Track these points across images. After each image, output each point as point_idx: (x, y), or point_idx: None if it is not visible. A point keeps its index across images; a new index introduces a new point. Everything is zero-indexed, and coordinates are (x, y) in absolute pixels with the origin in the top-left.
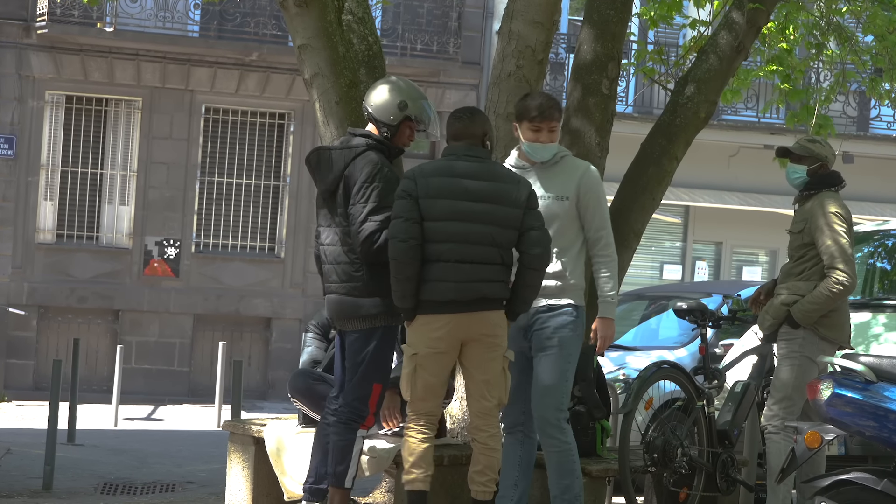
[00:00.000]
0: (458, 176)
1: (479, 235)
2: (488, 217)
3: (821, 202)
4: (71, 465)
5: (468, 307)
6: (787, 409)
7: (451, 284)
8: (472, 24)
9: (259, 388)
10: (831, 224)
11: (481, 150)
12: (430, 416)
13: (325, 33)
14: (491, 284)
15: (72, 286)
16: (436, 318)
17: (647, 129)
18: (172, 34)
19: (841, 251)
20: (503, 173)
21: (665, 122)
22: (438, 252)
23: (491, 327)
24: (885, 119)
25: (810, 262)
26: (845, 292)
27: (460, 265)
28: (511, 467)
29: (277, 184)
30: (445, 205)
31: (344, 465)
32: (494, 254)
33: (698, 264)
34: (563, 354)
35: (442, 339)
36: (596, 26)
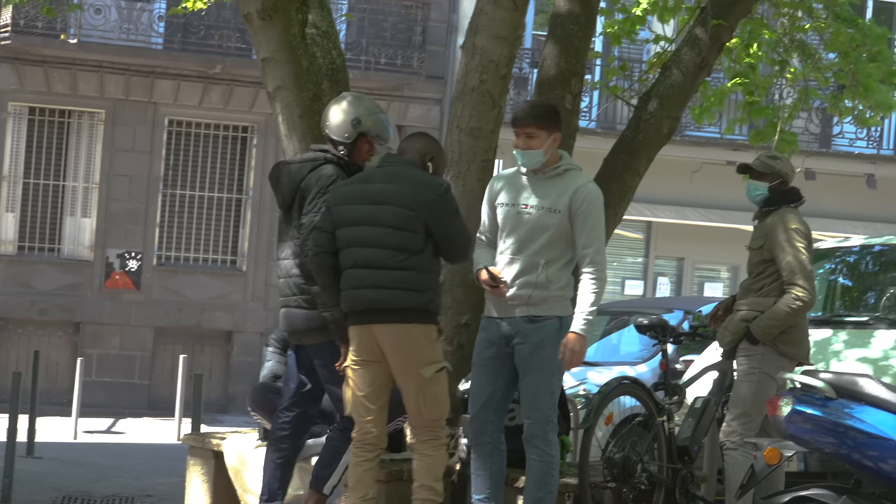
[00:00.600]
0: (364, 181)
1: (368, 238)
2: (378, 219)
3: (781, 218)
4: (30, 477)
5: (365, 319)
6: (745, 425)
7: (347, 292)
8: (436, 39)
9: (220, 402)
10: (791, 240)
11: (403, 159)
12: (364, 438)
13: (288, 47)
14: (381, 291)
15: (32, 298)
16: (351, 329)
17: (609, 144)
18: (136, 46)
19: (800, 267)
20: (411, 176)
21: (628, 138)
22: (343, 259)
23: (391, 345)
24: (848, 136)
25: (769, 278)
26: (805, 308)
27: (355, 270)
28: (483, 480)
29: (240, 197)
30: (346, 210)
31: (328, 470)
32: (387, 256)
33: (660, 280)
34: (546, 369)
35: (356, 352)
36: (559, 42)
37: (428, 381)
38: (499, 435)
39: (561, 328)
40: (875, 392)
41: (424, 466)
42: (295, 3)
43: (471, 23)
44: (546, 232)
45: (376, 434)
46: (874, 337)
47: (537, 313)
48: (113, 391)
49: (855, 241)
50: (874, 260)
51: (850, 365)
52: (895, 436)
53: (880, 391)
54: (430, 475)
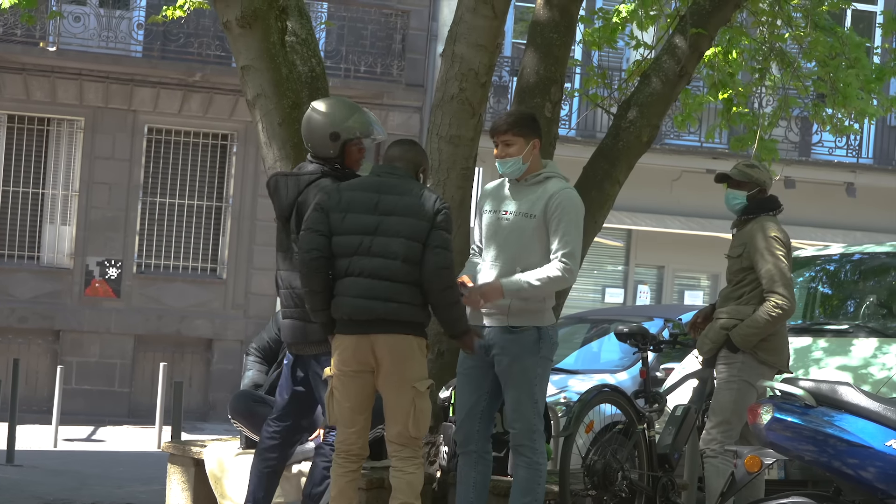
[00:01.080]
0: (371, 191)
1: (382, 248)
2: (393, 230)
3: (760, 226)
4: (10, 486)
5: (365, 328)
6: (725, 433)
7: (347, 300)
8: (415, 47)
9: (200, 410)
10: (770, 248)
11: (402, 170)
12: (349, 449)
13: (268, 54)
14: (389, 304)
15: (12, 306)
16: (342, 338)
17: (589, 152)
18: (115, 54)
19: (780, 275)
20: (415, 189)
21: (607, 146)
22: (342, 266)
23: (390, 354)
24: (827, 144)
25: (749, 286)
26: (784, 316)
27: (360, 279)
28: (466, 489)
29: (220, 205)
30: (352, 218)
31: (322, 487)
32: (398, 269)
33: (640, 288)
34: (526, 380)
35: (346, 361)
36: (539, 50)
37: (421, 395)
38: (485, 443)
39: (540, 339)
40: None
41: (405, 484)
42: (274, 11)
43: (450, 31)
44: (521, 237)
45: (360, 445)
46: (854, 345)
47: (515, 323)
48: (93, 399)
49: (834, 249)
50: (854, 268)
51: (830, 373)
52: (875, 444)
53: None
54: (412, 493)
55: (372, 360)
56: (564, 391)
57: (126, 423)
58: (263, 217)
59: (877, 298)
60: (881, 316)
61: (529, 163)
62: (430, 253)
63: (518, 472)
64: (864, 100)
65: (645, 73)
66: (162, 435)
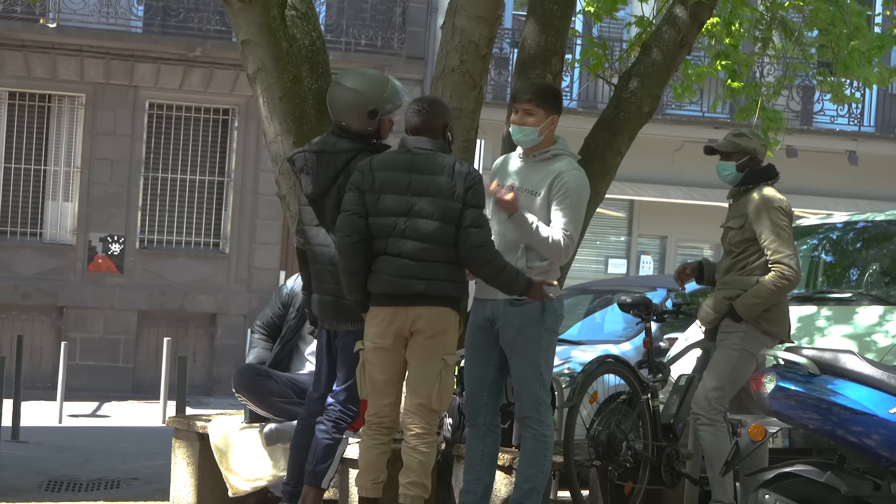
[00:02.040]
0: (402, 170)
1: (416, 231)
2: (426, 212)
3: (761, 197)
4: (15, 462)
5: (406, 301)
6: (718, 399)
7: (386, 277)
8: (416, 20)
9: (204, 385)
10: (774, 219)
11: (433, 143)
12: (381, 421)
13: (268, 29)
14: (429, 282)
15: (15, 283)
16: (378, 310)
17: (591, 123)
18: (116, 30)
19: (785, 245)
20: (448, 165)
21: (609, 117)
22: (379, 246)
23: (428, 325)
24: (829, 113)
25: (752, 256)
26: (790, 286)
27: (399, 259)
28: (474, 462)
29: (222, 179)
30: (386, 199)
31: (325, 464)
32: (434, 250)
33: (643, 258)
34: (531, 351)
35: (382, 334)
36: (539, 21)
37: (448, 368)
38: (494, 416)
39: (544, 311)
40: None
41: (418, 464)
42: None
43: (450, 3)
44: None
45: (393, 417)
46: (857, 313)
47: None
48: (97, 375)
49: (838, 217)
50: (857, 236)
51: (834, 341)
52: (879, 411)
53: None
54: (424, 473)
55: (407, 331)
56: (568, 362)
57: (130, 399)
58: (265, 191)
59: (880, 266)
60: (885, 284)
61: (543, 137)
62: (463, 233)
63: (524, 443)
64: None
65: (646, 43)
66: (166, 410)
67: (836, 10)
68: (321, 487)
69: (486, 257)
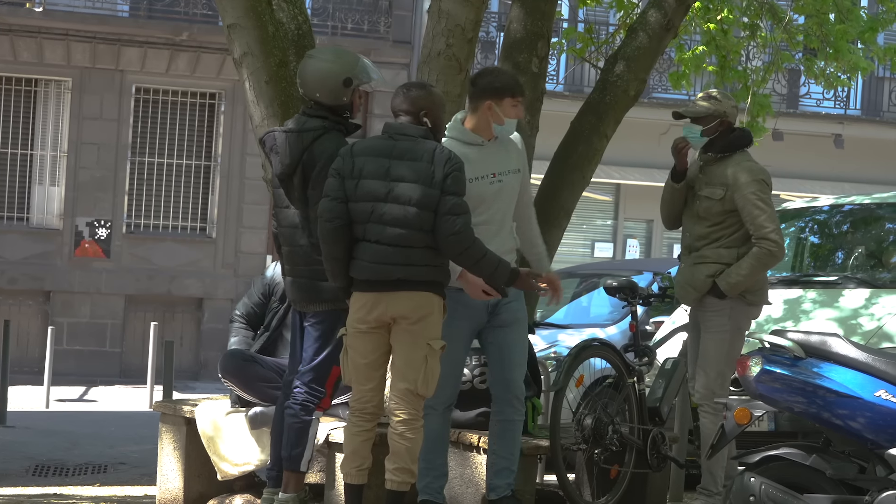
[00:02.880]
0: (383, 156)
1: (393, 217)
2: (404, 198)
3: (742, 169)
4: (2, 447)
5: (387, 287)
6: (722, 385)
7: (366, 264)
8: (402, 3)
9: (191, 369)
10: (758, 193)
11: (414, 129)
12: (364, 407)
13: (254, 13)
14: (408, 268)
15: (2, 267)
16: (360, 296)
17: (577, 107)
18: (102, 14)
19: (770, 220)
20: (428, 151)
21: (595, 100)
22: (359, 231)
23: (411, 310)
24: (815, 96)
25: (730, 227)
26: (775, 262)
27: (377, 245)
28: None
29: (208, 164)
30: (365, 184)
31: (300, 447)
32: (412, 236)
33: (629, 242)
34: (524, 330)
35: (364, 319)
36: (526, 4)
37: (434, 353)
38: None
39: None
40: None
41: (405, 450)
42: None
43: None
44: (513, 195)
45: (376, 403)
46: (843, 296)
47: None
48: (84, 359)
49: (824, 200)
50: (843, 219)
51: (820, 324)
52: (864, 394)
53: (849, 350)
54: (410, 459)
55: (389, 316)
56: (554, 346)
57: (117, 383)
58: (252, 175)
59: (866, 249)
60: (870, 267)
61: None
62: (440, 220)
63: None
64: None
65: (632, 27)
66: (153, 394)
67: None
68: (300, 471)
69: (463, 244)
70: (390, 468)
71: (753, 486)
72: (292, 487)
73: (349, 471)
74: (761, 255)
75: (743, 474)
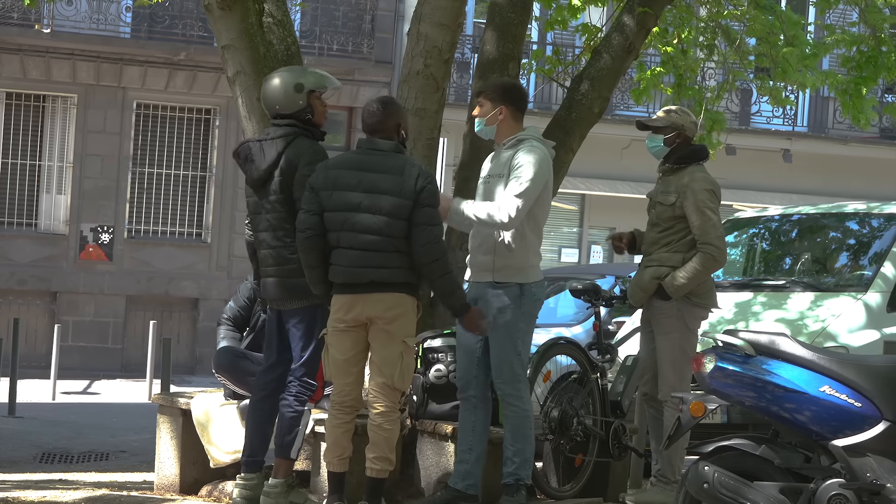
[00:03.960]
0: (355, 168)
1: (365, 226)
2: (374, 208)
3: (693, 178)
4: (11, 436)
5: (363, 289)
6: (683, 381)
7: (341, 268)
8: (384, 26)
9: (187, 364)
10: (706, 201)
11: (385, 143)
12: (344, 401)
13: (246, 34)
14: (380, 270)
15: (12, 270)
16: (339, 297)
17: (545, 123)
18: (106, 35)
19: (713, 227)
20: (398, 166)
21: (562, 117)
22: (333, 239)
23: (386, 310)
24: (765, 114)
25: (679, 233)
26: (717, 266)
27: (350, 251)
28: (465, 432)
29: (204, 174)
30: (338, 196)
31: (291, 436)
32: (384, 242)
33: (593, 248)
34: (509, 332)
35: (342, 319)
36: (498, 29)
37: (409, 350)
38: (484, 390)
39: (522, 295)
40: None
41: (383, 440)
42: None
43: (415, 11)
44: (491, 197)
45: (354, 397)
46: (790, 299)
47: (499, 279)
48: (88, 355)
49: (774, 210)
50: (791, 228)
51: (769, 325)
52: (810, 390)
53: (796, 349)
54: (388, 448)
55: (365, 317)
56: None
57: (119, 377)
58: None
59: (812, 256)
60: (815, 272)
61: (497, 126)
62: (415, 230)
63: (507, 421)
64: (803, 73)
65: (596, 49)
66: (152, 388)
67: (776, 20)
68: (290, 458)
69: (434, 255)
70: (370, 456)
71: (707, 473)
72: (282, 473)
73: (331, 459)
74: (704, 259)
75: (697, 463)
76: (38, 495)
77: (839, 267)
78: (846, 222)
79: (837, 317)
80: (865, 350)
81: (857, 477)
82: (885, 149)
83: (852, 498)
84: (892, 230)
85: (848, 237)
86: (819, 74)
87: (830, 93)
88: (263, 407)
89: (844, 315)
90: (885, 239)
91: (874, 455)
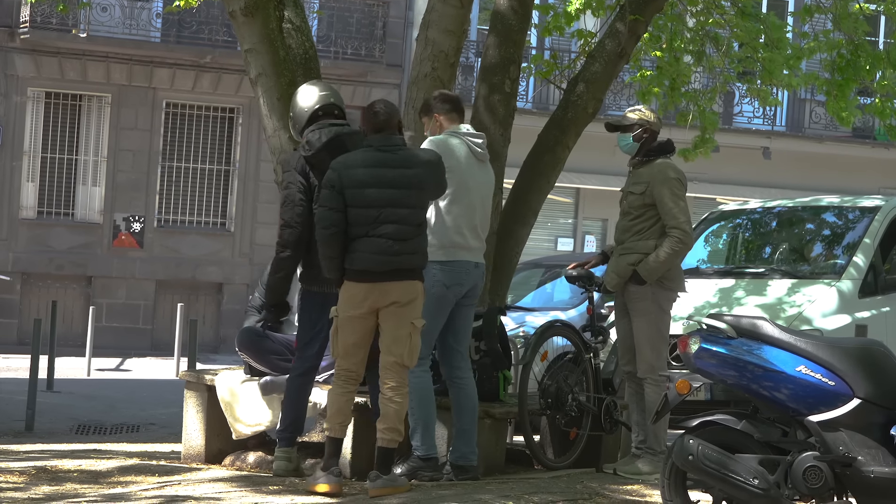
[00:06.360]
0: (380, 166)
1: (398, 216)
2: (407, 201)
3: (661, 169)
4: (49, 409)
5: (381, 277)
6: (659, 358)
7: (367, 255)
8: (394, 32)
9: (212, 343)
10: (673, 189)
11: (396, 139)
12: (350, 374)
13: (267, 39)
14: (403, 258)
15: (50, 256)
16: (353, 285)
17: (543, 122)
18: (137, 39)
19: (681, 212)
20: (417, 159)
21: (558, 117)
22: (360, 232)
23: (401, 296)
24: (746, 114)
25: (649, 221)
26: (686, 250)
27: (379, 240)
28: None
29: (228, 168)
30: (371, 193)
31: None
32: (412, 230)
33: (587, 238)
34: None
35: (359, 306)
36: (500, 34)
37: (417, 331)
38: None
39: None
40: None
41: (394, 412)
42: (273, 1)
43: (424, 18)
44: None
45: (359, 371)
46: (769, 286)
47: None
48: (120, 335)
49: (755, 203)
50: (771, 220)
51: (750, 309)
52: (787, 369)
53: (775, 331)
54: (398, 420)
55: (380, 304)
56: (522, 326)
57: (149, 356)
58: (265, 178)
59: (789, 246)
60: (792, 261)
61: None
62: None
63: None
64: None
65: (590, 53)
66: (179, 365)
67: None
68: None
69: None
70: (381, 427)
71: (692, 446)
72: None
73: (333, 426)
74: (673, 243)
75: (683, 436)
76: (74, 464)
77: (815, 256)
78: (822, 215)
79: (813, 302)
80: (838, 333)
81: (831, 450)
82: (857, 147)
83: (826, 469)
84: (864, 222)
85: (823, 228)
86: (804, 76)
87: (819, 94)
88: (306, 382)
89: (819, 301)
90: (858, 230)
91: (846, 430)
